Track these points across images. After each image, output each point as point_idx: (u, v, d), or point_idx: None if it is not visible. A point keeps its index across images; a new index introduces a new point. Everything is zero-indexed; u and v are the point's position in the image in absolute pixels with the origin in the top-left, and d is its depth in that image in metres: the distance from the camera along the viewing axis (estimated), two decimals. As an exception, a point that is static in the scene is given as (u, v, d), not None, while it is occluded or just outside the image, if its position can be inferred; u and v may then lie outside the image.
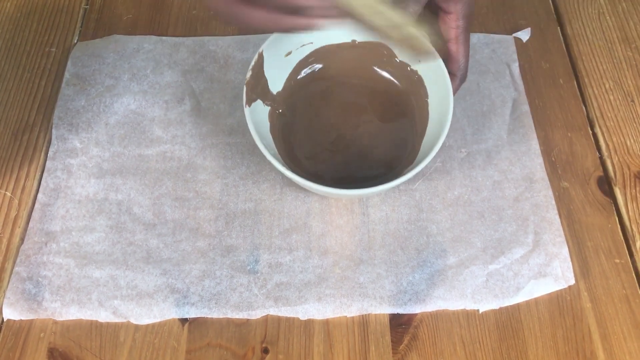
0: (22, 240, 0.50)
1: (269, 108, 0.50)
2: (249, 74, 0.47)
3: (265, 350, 0.45)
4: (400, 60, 0.51)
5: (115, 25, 0.62)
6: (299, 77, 0.53)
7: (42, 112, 0.56)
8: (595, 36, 0.59)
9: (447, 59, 0.47)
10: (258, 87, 0.48)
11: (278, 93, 0.51)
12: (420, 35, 0.42)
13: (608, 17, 0.60)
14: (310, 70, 0.53)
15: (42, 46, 0.61)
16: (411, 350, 0.45)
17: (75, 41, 0.61)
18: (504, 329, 0.45)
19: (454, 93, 0.47)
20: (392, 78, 0.53)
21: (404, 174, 0.43)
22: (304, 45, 0.51)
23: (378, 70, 0.53)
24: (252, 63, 0.47)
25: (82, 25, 0.62)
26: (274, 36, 0.48)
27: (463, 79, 0.48)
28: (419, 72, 0.50)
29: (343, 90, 0.53)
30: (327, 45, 0.52)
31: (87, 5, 0.64)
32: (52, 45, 0.61)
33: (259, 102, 0.48)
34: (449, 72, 0.47)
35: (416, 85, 0.51)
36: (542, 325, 0.45)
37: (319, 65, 0.53)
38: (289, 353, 0.45)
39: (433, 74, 0.48)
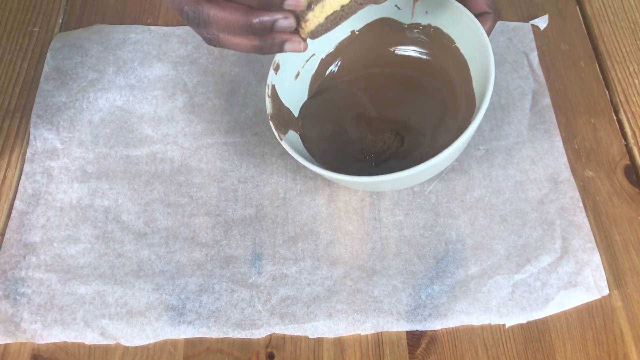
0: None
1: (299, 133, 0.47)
2: (268, 106, 0.44)
3: (271, 356, 0.42)
4: (410, 25, 0.48)
5: (103, 4, 0.59)
6: (317, 93, 0.50)
7: (24, 97, 0.53)
8: (617, 16, 0.57)
9: (471, 2, 0.43)
10: (283, 118, 0.46)
11: (301, 116, 0.48)
12: None
13: (630, -4, 0.59)
14: (326, 81, 0.50)
15: (24, 25, 0.58)
16: (429, 354, 0.42)
17: (60, 21, 0.58)
18: (529, 331, 0.43)
19: (489, 33, 0.43)
20: (414, 51, 0.49)
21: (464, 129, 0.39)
22: (307, 60, 0.49)
23: (396, 50, 0.50)
24: (267, 94, 0.45)
25: (67, 4, 0.59)
26: (278, 60, 0.46)
27: (497, 14, 0.43)
28: (437, 27, 0.47)
29: (366, 84, 0.50)
30: (331, 50, 0.50)
31: None
32: (34, 24, 0.58)
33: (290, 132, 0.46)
34: (480, 14, 0.43)
35: (439, 46, 0.47)
36: (570, 326, 0.43)
37: (334, 70, 0.51)
38: (297, 359, 0.42)
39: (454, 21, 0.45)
